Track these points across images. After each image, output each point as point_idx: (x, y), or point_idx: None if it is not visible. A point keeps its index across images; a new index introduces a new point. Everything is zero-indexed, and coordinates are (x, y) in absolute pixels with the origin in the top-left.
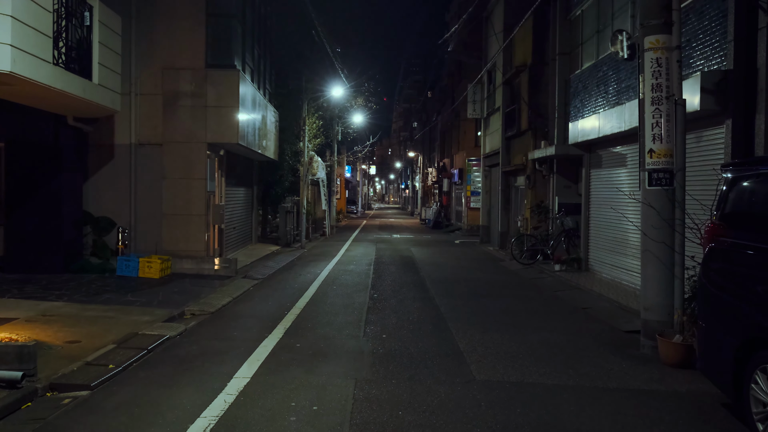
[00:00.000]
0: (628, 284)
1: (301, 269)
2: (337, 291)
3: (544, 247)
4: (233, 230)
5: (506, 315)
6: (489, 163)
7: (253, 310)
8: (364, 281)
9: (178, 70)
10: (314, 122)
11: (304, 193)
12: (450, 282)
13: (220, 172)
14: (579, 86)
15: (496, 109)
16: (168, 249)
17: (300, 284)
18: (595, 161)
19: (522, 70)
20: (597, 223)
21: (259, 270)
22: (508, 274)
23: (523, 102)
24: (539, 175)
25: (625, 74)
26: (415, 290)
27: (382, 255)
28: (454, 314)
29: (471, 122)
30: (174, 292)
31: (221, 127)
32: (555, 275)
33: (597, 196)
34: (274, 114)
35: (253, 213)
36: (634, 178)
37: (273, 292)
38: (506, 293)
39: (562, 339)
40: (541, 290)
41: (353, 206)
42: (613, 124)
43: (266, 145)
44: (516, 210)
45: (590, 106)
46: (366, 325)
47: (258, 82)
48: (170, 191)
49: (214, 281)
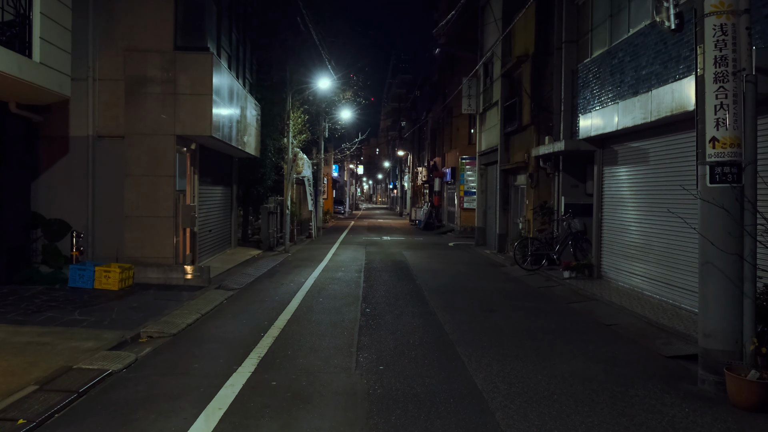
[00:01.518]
0: (651, 295)
1: (283, 277)
2: (324, 304)
3: (549, 251)
4: (208, 234)
5: (522, 335)
6: (485, 161)
7: (223, 330)
8: (354, 292)
9: (143, 53)
10: (299, 117)
11: (289, 192)
12: (450, 292)
13: (193, 168)
14: (589, 76)
15: (493, 104)
16: (131, 256)
17: (281, 296)
18: (610, 158)
19: (524, 60)
20: (611, 225)
21: (236, 278)
22: (512, 281)
23: (525, 94)
24: (543, 174)
25: (647, 60)
26: (413, 303)
27: (373, 259)
28: (462, 334)
29: (464, 119)
30: (132, 307)
31: (192, 118)
32: (565, 283)
33: (612, 196)
34: (255, 107)
35: (232, 214)
36: (659, 176)
37: (249, 307)
38: (516, 306)
39: (597, 370)
40: (553, 301)
41: (341, 206)
42: (635, 115)
43: (246, 141)
44: (516, 211)
45: (603, 97)
46: (358, 352)
47: (236, 71)
48: (134, 190)
49: (183, 293)
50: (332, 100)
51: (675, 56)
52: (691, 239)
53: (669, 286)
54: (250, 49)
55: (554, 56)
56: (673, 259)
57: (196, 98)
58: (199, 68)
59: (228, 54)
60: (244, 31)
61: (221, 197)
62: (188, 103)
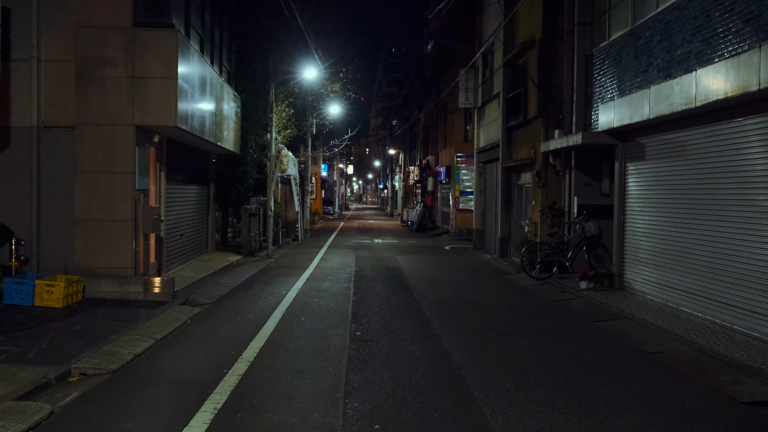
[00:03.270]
0: (691, 312)
1: (262, 288)
2: (306, 325)
3: (561, 258)
4: (179, 238)
5: (552, 370)
6: (484, 158)
7: (177, 364)
8: (343, 307)
9: (97, 29)
10: (284, 110)
11: (272, 192)
12: (454, 307)
13: (159, 165)
14: (607, 62)
15: (493, 96)
16: (83, 266)
17: (257, 314)
18: (634, 152)
19: (529, 46)
20: (637, 229)
21: (208, 290)
22: (522, 293)
23: (532, 84)
24: (551, 171)
25: (682, 37)
26: (412, 322)
27: (364, 266)
28: (477, 369)
29: (460, 115)
30: (73, 331)
31: (154, 106)
32: (582, 295)
33: (637, 195)
34: (234, 99)
35: (209, 216)
36: (702, 172)
37: (216, 329)
38: (533, 326)
39: (665, 427)
40: (575, 319)
41: (330, 207)
42: (674, 101)
43: (225, 136)
44: (519, 212)
45: (626, 83)
46: (347, 399)
47: (210, 56)
48: (86, 190)
49: (140, 311)
50: (319, 93)
51: (737, 27)
52: (746, 247)
53: (716, 303)
54: (228, 35)
55: (565, 41)
56: (722, 270)
57: (159, 83)
58: (163, 48)
59: (200, 36)
60: (220, 13)
61: (195, 197)
62: (150, 89)
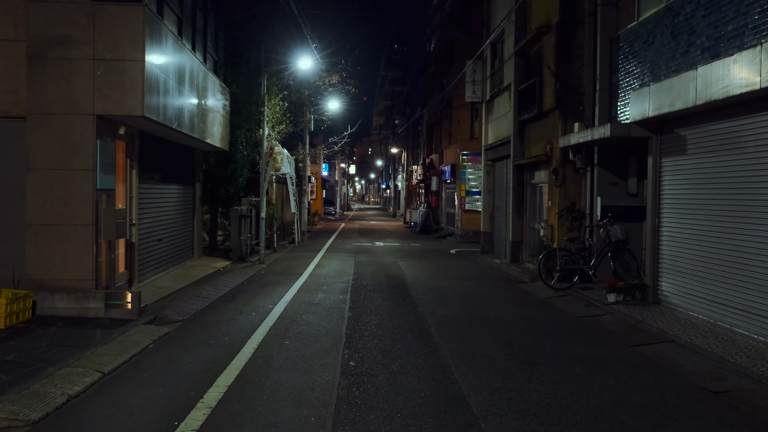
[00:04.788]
0: (751, 336)
1: (246, 301)
2: (290, 352)
3: (583, 265)
4: (157, 244)
5: (597, 420)
6: (492, 156)
7: (118, 411)
8: (336, 327)
9: (52, 3)
10: (277, 104)
11: (265, 192)
12: (465, 326)
13: (130, 161)
14: (636, 44)
15: (503, 89)
16: (36, 277)
17: (233, 336)
18: (673, 145)
19: (545, 32)
20: (676, 234)
21: (184, 304)
22: (542, 307)
23: (548, 72)
24: (570, 169)
25: (736, 8)
26: (417, 347)
27: (363, 274)
28: (501, 420)
29: (465, 110)
30: (4, 361)
31: (118, 92)
32: (612, 310)
33: (676, 195)
34: (221, 90)
35: (194, 218)
36: (763, 167)
37: (181, 357)
38: (562, 352)
39: None
40: (611, 343)
41: (331, 207)
42: (730, 83)
43: (211, 130)
44: (533, 214)
45: (662, 67)
46: None
47: (192, 42)
48: (39, 189)
49: (97, 332)
50: (317, 86)
51: None
52: None
53: None
54: (215, 20)
55: (585, 24)
56: None
57: (124, 66)
58: (128, 26)
59: (177, 17)
60: None
61: (178, 198)
62: (113, 73)
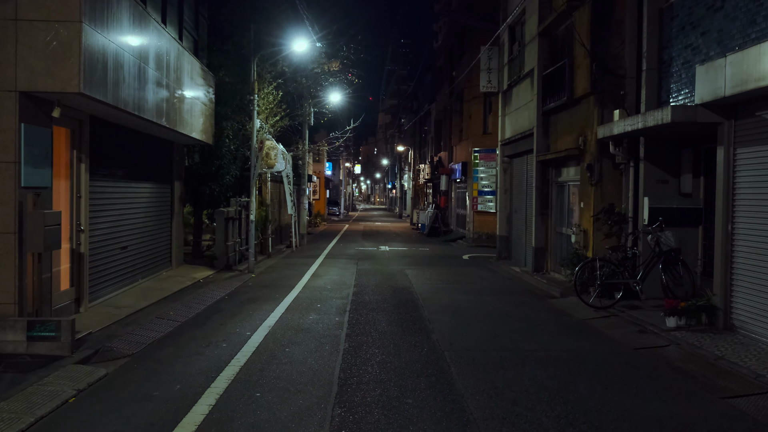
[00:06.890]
0: None
1: (219, 326)
2: (259, 412)
3: (629, 279)
4: (120, 252)
5: None
6: (510, 151)
7: None
8: (327, 367)
9: None
10: (270, 93)
11: (256, 191)
12: (495, 365)
13: (77, 154)
14: (697, 11)
15: (524, 76)
16: None
17: (188, 381)
18: (753, 132)
19: (577, 5)
20: (758, 244)
21: (140, 330)
22: (586, 334)
23: (581, 52)
24: (608, 165)
25: None
26: (434, 401)
27: (365, 286)
28: None
29: (478, 103)
30: None
31: (47, 62)
32: (675, 339)
33: (758, 194)
34: (203, 75)
35: (172, 222)
36: None
37: (104, 423)
38: (633, 410)
39: None
40: (694, 394)
41: (335, 207)
42: None
43: (189, 120)
44: (560, 217)
45: (737, 36)
46: None
47: (162, 13)
48: None
49: (6, 376)
50: (316, 74)
51: None
52: None
53: None
54: None
55: None
56: None
57: (56, 29)
58: None
59: None
60: None
61: (150, 199)
62: (40, 38)
